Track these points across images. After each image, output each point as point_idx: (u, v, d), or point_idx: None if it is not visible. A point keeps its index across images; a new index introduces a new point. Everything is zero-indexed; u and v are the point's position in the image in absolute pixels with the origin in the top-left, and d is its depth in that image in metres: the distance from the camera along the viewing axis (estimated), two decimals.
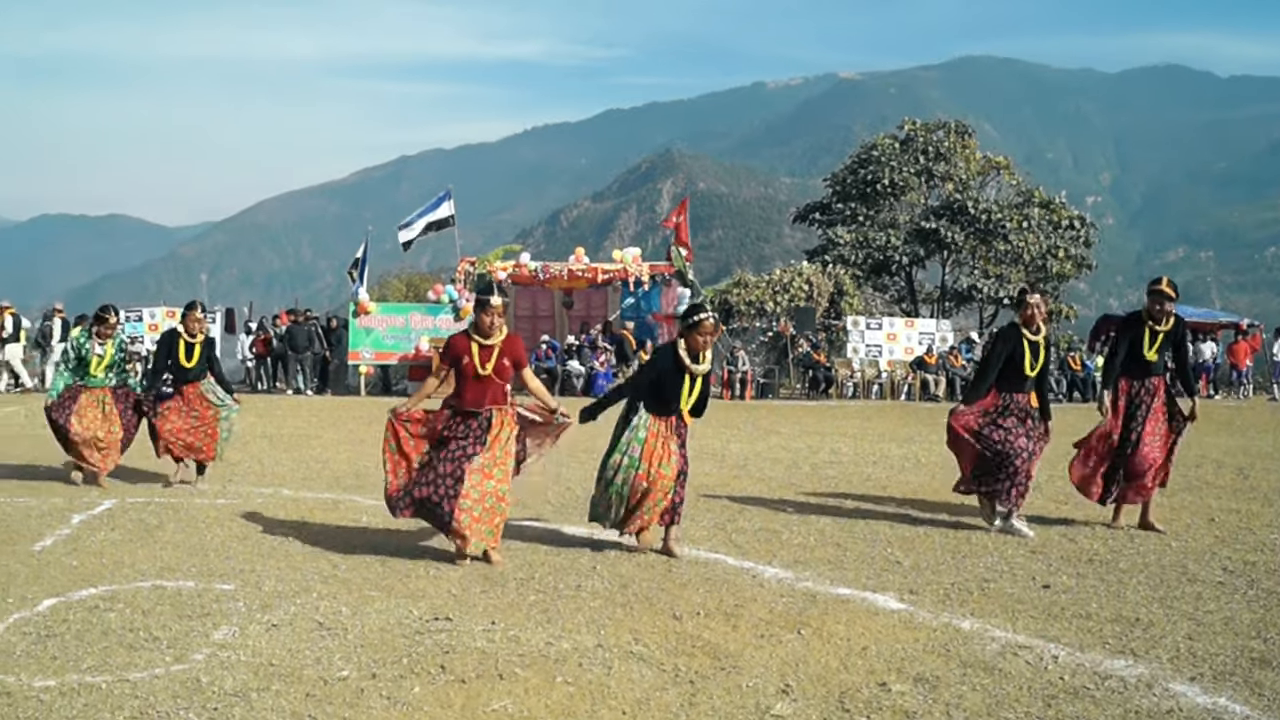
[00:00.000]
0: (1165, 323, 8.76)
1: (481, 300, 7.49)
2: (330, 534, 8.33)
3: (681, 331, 7.68)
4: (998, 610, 6.18)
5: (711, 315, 7.66)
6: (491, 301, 7.46)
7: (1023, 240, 35.48)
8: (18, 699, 4.63)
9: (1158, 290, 8.86)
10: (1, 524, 8.52)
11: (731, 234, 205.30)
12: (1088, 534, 8.56)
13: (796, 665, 5.16)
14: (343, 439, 15.45)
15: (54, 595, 6.34)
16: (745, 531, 8.61)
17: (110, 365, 10.83)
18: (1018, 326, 8.84)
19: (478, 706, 4.60)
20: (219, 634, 5.60)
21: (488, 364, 7.39)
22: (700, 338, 7.56)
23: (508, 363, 7.49)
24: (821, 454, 14.12)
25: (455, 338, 7.58)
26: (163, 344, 10.98)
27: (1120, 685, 4.88)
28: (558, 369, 26.21)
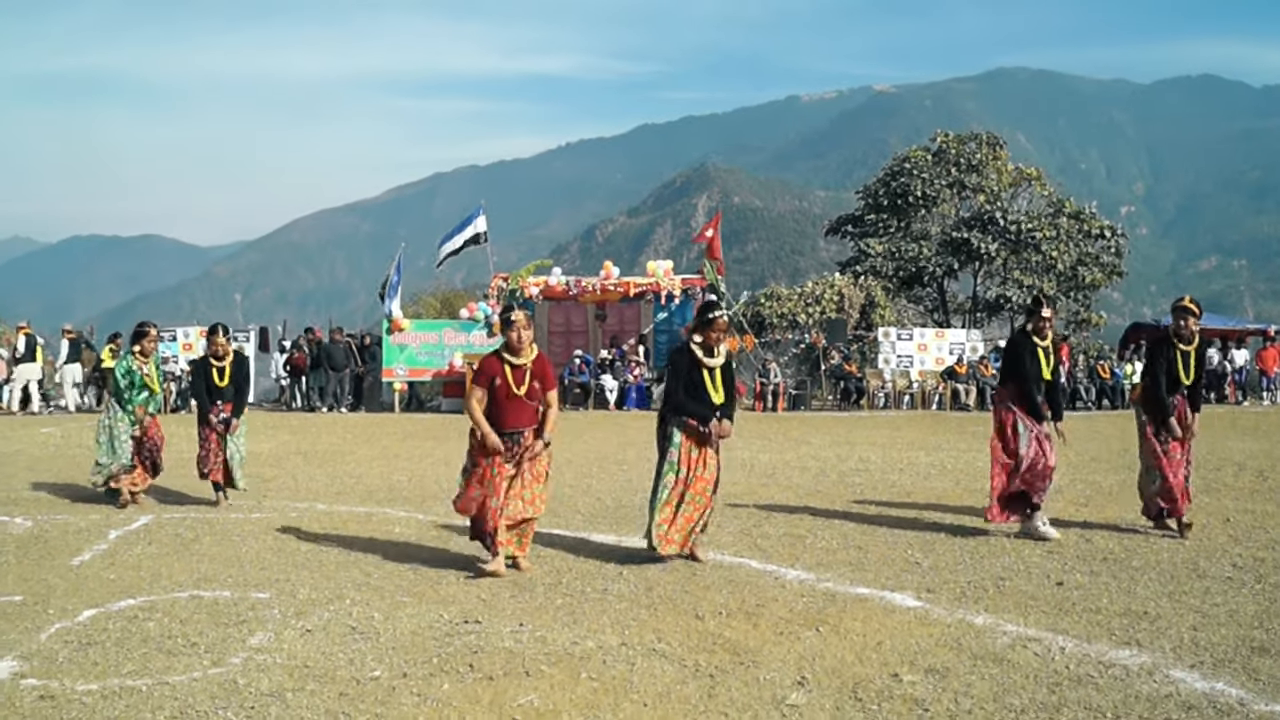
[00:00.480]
0: (1192, 342, 8.88)
1: (505, 318, 7.66)
2: (363, 545, 8.56)
3: (696, 328, 7.89)
4: (1011, 606, 6.35)
5: (724, 314, 7.89)
6: (514, 317, 7.62)
7: (1054, 250, 35.49)
8: (61, 702, 4.85)
9: (1182, 307, 8.98)
10: (40, 540, 8.78)
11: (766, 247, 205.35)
12: (1104, 535, 8.69)
13: (813, 659, 5.35)
14: (376, 455, 15.70)
15: (93, 606, 6.58)
16: (770, 536, 8.79)
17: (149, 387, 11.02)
18: (1029, 334, 8.95)
19: (505, 702, 4.80)
20: (255, 639, 5.83)
21: (521, 385, 7.54)
22: (714, 334, 7.80)
23: (538, 385, 7.64)
24: (849, 462, 14.27)
25: (487, 359, 7.72)
26: (197, 373, 11.17)
27: (1123, 673, 5.05)
28: (591, 383, 26.43)
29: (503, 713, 4.68)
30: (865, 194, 40.21)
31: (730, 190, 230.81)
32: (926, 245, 37.08)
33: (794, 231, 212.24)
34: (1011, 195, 39.12)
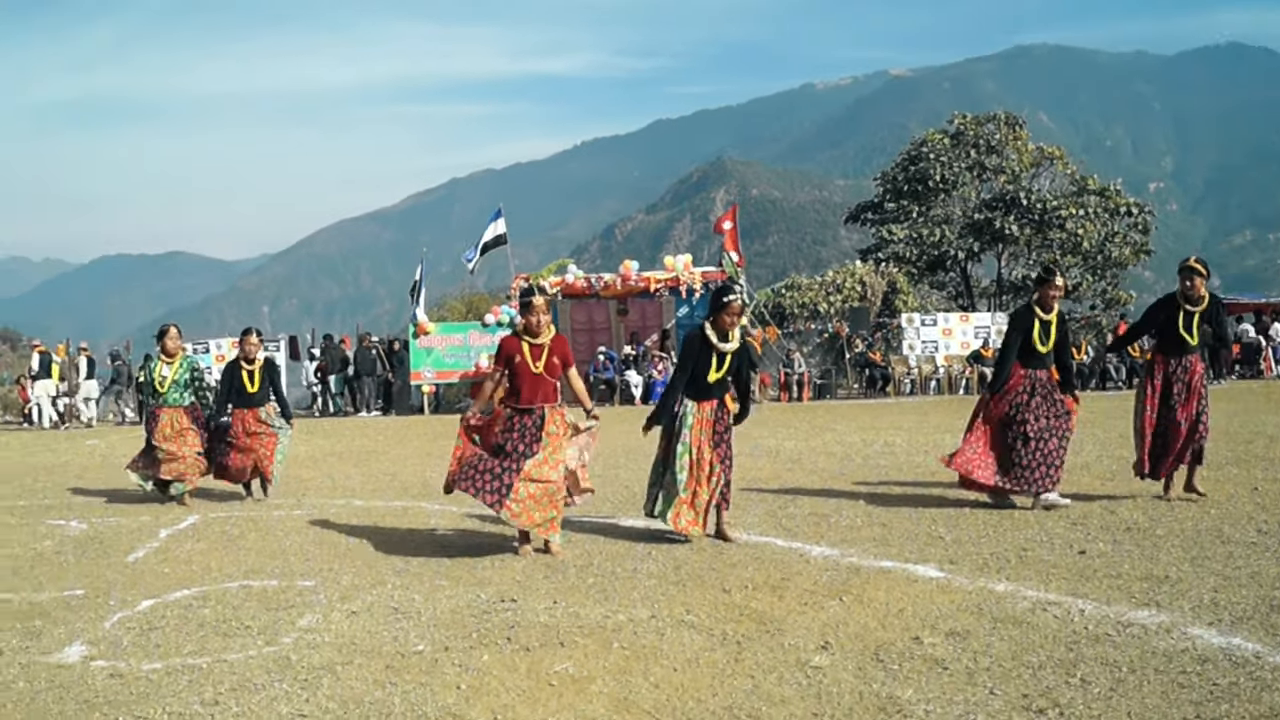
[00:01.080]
0: (1200, 303, 8.99)
1: (524, 302, 7.89)
2: (401, 536, 8.80)
3: (711, 312, 8.08)
4: (1033, 575, 6.51)
5: (739, 298, 8.07)
6: (533, 301, 7.87)
7: (1079, 228, 35.49)
8: (129, 680, 5.11)
9: (1188, 267, 9.11)
10: (96, 540, 9.08)
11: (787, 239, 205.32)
12: (1129, 506, 8.83)
13: (836, 626, 5.53)
14: (409, 454, 15.96)
15: (151, 597, 6.85)
16: (795, 517, 8.97)
17: (178, 384, 11.28)
18: (1031, 307, 9.07)
19: (541, 670, 5.02)
20: (304, 621, 6.07)
21: (539, 362, 7.80)
22: (728, 318, 7.97)
23: (557, 361, 7.89)
24: (874, 446, 14.43)
25: (507, 339, 8.00)
26: (226, 375, 11.50)
27: (1141, 631, 5.21)
28: (615, 379, 26.65)
29: (539, 679, 4.89)
30: (884, 180, 40.27)
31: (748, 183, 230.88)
32: (948, 229, 37.13)
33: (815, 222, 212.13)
34: (1033, 175, 39.13)
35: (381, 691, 4.80)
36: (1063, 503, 8.75)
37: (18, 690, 5.05)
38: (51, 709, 4.78)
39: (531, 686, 4.81)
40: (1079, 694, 4.40)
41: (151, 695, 4.88)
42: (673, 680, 4.82)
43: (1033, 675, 4.65)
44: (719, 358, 7.99)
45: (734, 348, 8.05)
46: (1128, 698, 4.33)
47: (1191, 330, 9.03)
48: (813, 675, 4.80)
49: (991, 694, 4.45)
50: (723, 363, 8.00)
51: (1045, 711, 4.23)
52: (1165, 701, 4.28)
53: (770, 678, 4.79)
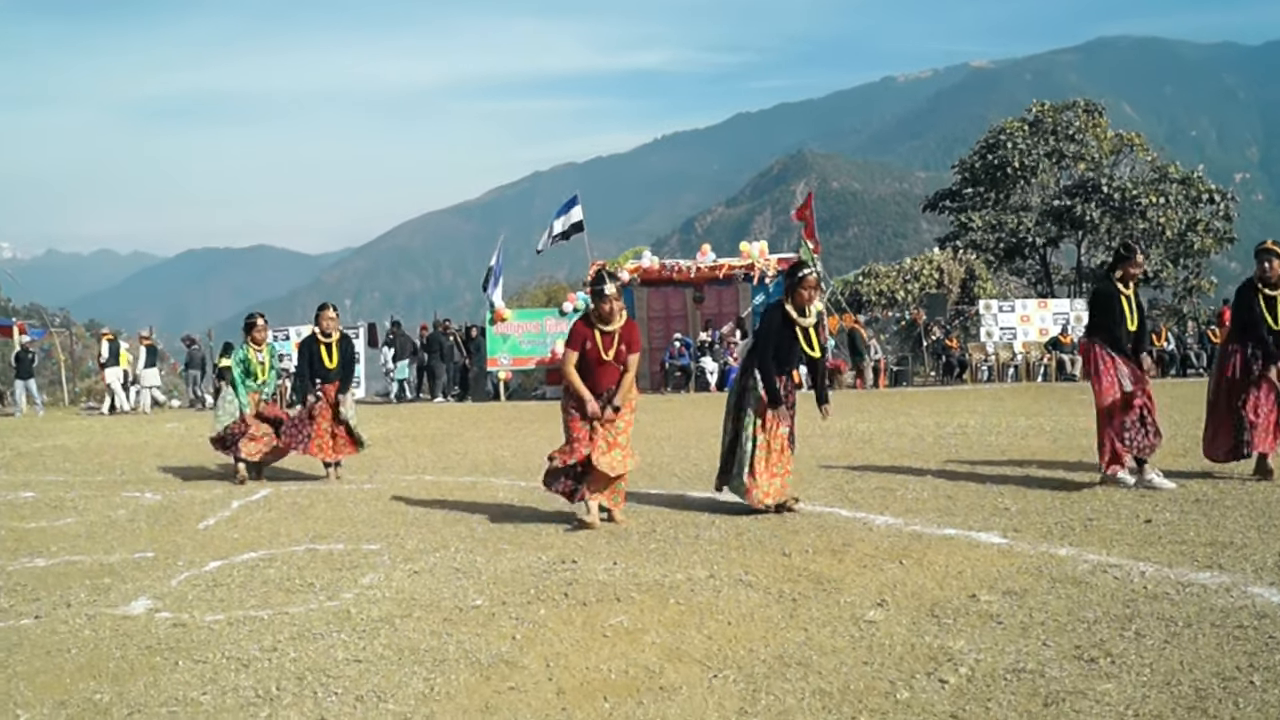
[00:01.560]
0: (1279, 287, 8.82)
1: (596, 291, 7.87)
2: (467, 506, 8.91)
3: (788, 289, 8.06)
4: (1096, 541, 6.46)
5: (814, 271, 8.07)
6: (606, 290, 7.82)
7: (1160, 216, 34.92)
8: (192, 629, 5.25)
9: (1266, 250, 8.92)
10: (168, 510, 9.30)
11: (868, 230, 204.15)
12: (1199, 481, 8.71)
13: (894, 586, 5.53)
14: (482, 435, 16.11)
15: (219, 559, 7.03)
16: (861, 490, 8.96)
17: (271, 368, 11.46)
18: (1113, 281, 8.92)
19: (597, 623, 5.08)
20: (366, 579, 6.20)
21: (609, 350, 7.83)
22: (805, 292, 7.97)
23: (625, 348, 7.91)
24: (947, 429, 14.33)
25: (577, 324, 7.98)
26: (304, 351, 11.37)
27: (1200, 590, 5.16)
28: (691, 366, 26.66)
29: (594, 631, 4.95)
30: (962, 168, 39.90)
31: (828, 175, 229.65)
32: (1027, 216, 36.71)
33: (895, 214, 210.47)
34: (1113, 163, 38.54)
35: (437, 640, 4.90)
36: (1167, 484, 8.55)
37: (83, 638, 5.21)
38: (114, 653, 4.93)
39: (585, 637, 4.88)
40: (1132, 645, 4.38)
41: (212, 642, 5.02)
42: (726, 633, 4.85)
43: (1087, 629, 4.63)
44: (801, 333, 7.99)
45: (813, 322, 8.05)
46: (1181, 649, 4.30)
47: (1275, 314, 8.85)
48: (866, 629, 4.81)
49: (1044, 645, 4.44)
50: (809, 338, 8.01)
51: (1097, 660, 4.21)
52: (1219, 652, 4.24)
53: (824, 631, 4.82)
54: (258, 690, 4.35)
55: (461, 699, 4.15)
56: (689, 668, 4.41)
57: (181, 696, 4.31)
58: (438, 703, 4.12)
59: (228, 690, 4.37)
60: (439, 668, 4.52)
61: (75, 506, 9.70)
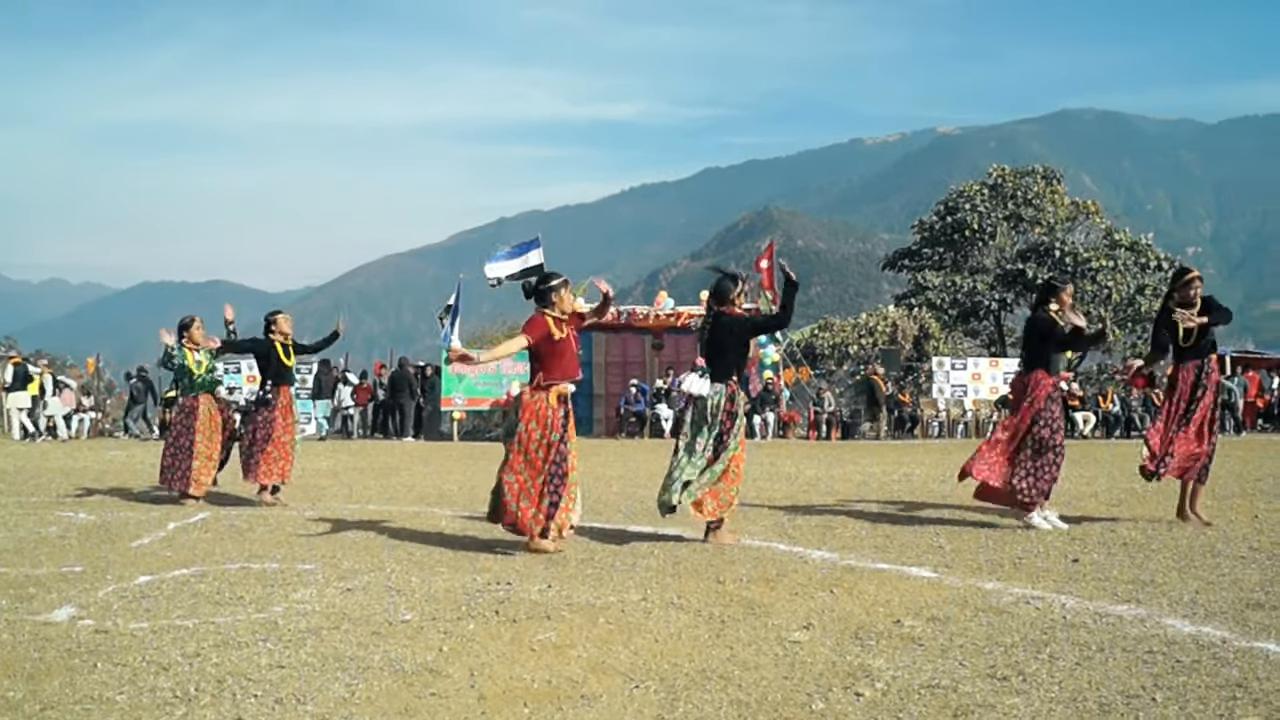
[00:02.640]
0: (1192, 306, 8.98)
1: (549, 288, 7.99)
2: (408, 533, 8.90)
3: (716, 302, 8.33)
4: (1023, 577, 6.56)
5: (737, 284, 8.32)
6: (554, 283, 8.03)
7: (1110, 280, 35.42)
8: (114, 636, 5.24)
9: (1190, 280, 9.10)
10: (103, 529, 9.22)
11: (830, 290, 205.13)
12: (1128, 526, 8.86)
13: (822, 612, 5.61)
14: (431, 470, 16.10)
15: (148, 574, 6.97)
16: (801, 527, 9.04)
17: (211, 370, 11.49)
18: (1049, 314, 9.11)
19: (525, 639, 5.12)
20: (297, 594, 6.21)
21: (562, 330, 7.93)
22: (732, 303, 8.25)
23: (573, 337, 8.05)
24: (894, 476, 14.46)
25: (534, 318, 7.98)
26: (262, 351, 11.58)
27: (1116, 621, 5.27)
28: (646, 412, 26.74)
29: (521, 645, 4.99)
30: (922, 228, 40.36)
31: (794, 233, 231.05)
32: (982, 278, 37.13)
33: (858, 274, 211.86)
34: (1069, 228, 39.10)
35: (363, 650, 4.92)
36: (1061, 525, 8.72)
37: (0, 641, 5.18)
38: (31, 655, 4.90)
39: (512, 650, 4.92)
40: (1045, 666, 4.47)
41: (133, 648, 5.00)
42: (651, 649, 4.91)
43: (1004, 652, 4.72)
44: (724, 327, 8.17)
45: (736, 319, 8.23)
46: (1091, 670, 4.40)
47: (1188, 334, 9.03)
48: (789, 648, 4.88)
49: (960, 665, 4.53)
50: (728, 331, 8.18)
51: (1009, 679, 4.30)
52: (1127, 673, 4.34)
53: (748, 649, 4.88)
54: (175, 691, 4.35)
55: (381, 703, 4.18)
56: (611, 679, 4.46)
57: (97, 695, 4.31)
58: (357, 706, 4.15)
59: (145, 691, 4.37)
60: (362, 674, 4.55)
61: (5, 523, 9.61)
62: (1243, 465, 15.53)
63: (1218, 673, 4.32)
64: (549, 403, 7.77)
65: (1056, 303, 9.13)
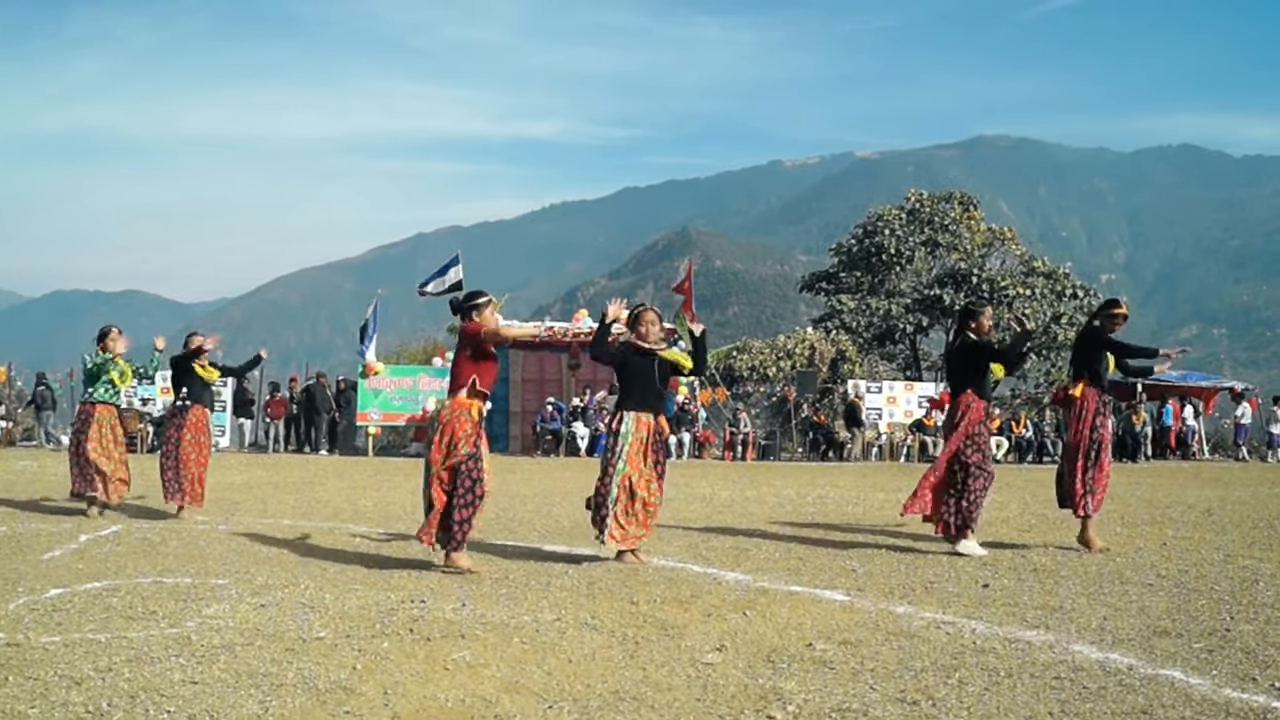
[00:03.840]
0: None
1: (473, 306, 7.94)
2: (323, 549, 8.84)
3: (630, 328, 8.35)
4: (934, 601, 6.66)
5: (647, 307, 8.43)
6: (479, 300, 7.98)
7: (1026, 308, 35.97)
8: (25, 649, 5.16)
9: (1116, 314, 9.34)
10: (13, 541, 9.06)
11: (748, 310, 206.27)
12: (1039, 552, 9.03)
13: (735, 634, 5.65)
14: (345, 485, 15.97)
15: (60, 587, 6.87)
16: (715, 549, 9.10)
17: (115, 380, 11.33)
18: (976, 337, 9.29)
19: (439, 657, 5.10)
20: (210, 610, 6.14)
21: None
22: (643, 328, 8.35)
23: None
24: (808, 498, 14.59)
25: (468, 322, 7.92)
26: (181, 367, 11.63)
27: (1025, 646, 5.36)
28: (562, 430, 26.72)
29: (435, 664, 4.97)
30: (839, 251, 40.74)
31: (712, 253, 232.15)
32: (897, 302, 37.56)
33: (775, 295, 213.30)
34: (985, 254, 39.68)
35: (276, 667, 4.88)
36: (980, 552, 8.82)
37: None
38: None
39: (426, 669, 4.90)
40: (954, 692, 4.54)
41: (45, 661, 4.93)
42: (566, 670, 4.92)
43: (914, 676, 4.79)
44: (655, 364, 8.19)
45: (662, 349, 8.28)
46: (999, 695, 4.48)
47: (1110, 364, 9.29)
48: (702, 670, 4.91)
49: (871, 689, 4.59)
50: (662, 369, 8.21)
51: (919, 703, 4.37)
52: (1035, 699, 4.42)
53: (661, 670, 4.91)
54: (88, 707, 4.29)
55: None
56: (526, 699, 4.46)
57: (9, 710, 4.24)
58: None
59: (57, 705, 4.30)
60: (275, 692, 4.51)
61: None
62: (1151, 492, 15.91)
63: (1123, 699, 4.42)
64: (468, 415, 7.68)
65: (976, 325, 9.29)
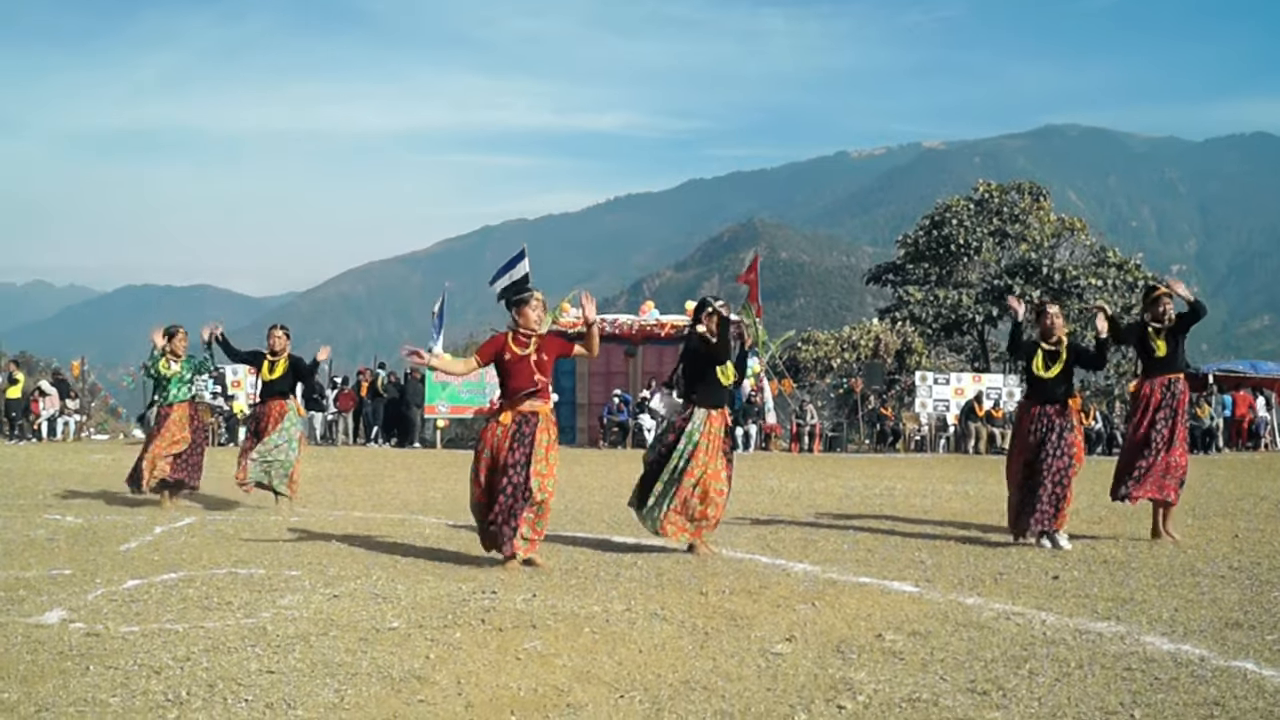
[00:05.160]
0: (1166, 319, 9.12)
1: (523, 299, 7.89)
2: (394, 540, 8.97)
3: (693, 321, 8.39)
4: (1004, 593, 6.63)
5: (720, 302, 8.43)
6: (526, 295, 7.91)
7: (1097, 299, 35.53)
8: (105, 639, 5.28)
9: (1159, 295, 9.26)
10: (90, 533, 9.26)
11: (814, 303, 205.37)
12: (1110, 544, 8.96)
13: (804, 624, 5.67)
14: (414, 478, 16.15)
15: (138, 578, 7.02)
16: (784, 540, 9.12)
17: (183, 380, 11.54)
18: (1035, 341, 9.26)
19: (511, 647, 5.17)
20: (285, 600, 6.25)
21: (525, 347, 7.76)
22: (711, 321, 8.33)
23: (545, 357, 7.80)
24: (875, 490, 14.56)
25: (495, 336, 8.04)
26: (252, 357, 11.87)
27: (1096, 638, 5.34)
28: (629, 422, 26.79)
29: (507, 654, 5.04)
30: (906, 243, 40.45)
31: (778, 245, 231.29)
32: (966, 293, 37.24)
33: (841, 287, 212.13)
34: (1054, 245, 39.23)
35: (351, 657, 4.96)
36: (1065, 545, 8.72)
37: None
38: (24, 658, 4.94)
39: (498, 659, 4.96)
40: (1025, 682, 4.54)
41: (124, 651, 5.05)
42: (636, 659, 4.96)
43: (984, 667, 4.79)
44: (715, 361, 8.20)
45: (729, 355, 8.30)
46: (1070, 686, 4.47)
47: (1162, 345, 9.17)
48: (772, 660, 4.94)
49: (941, 679, 4.59)
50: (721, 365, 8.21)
51: (989, 694, 4.37)
52: (1105, 690, 4.41)
53: (731, 660, 4.94)
54: (168, 695, 4.39)
55: (370, 709, 4.23)
56: (597, 689, 4.51)
57: (90, 698, 4.35)
58: (346, 711, 4.20)
59: (137, 694, 4.41)
60: (350, 680, 4.59)
61: None
62: (1224, 484, 15.70)
63: (1195, 691, 4.39)
64: (498, 422, 7.64)
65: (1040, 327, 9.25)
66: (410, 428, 27.10)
